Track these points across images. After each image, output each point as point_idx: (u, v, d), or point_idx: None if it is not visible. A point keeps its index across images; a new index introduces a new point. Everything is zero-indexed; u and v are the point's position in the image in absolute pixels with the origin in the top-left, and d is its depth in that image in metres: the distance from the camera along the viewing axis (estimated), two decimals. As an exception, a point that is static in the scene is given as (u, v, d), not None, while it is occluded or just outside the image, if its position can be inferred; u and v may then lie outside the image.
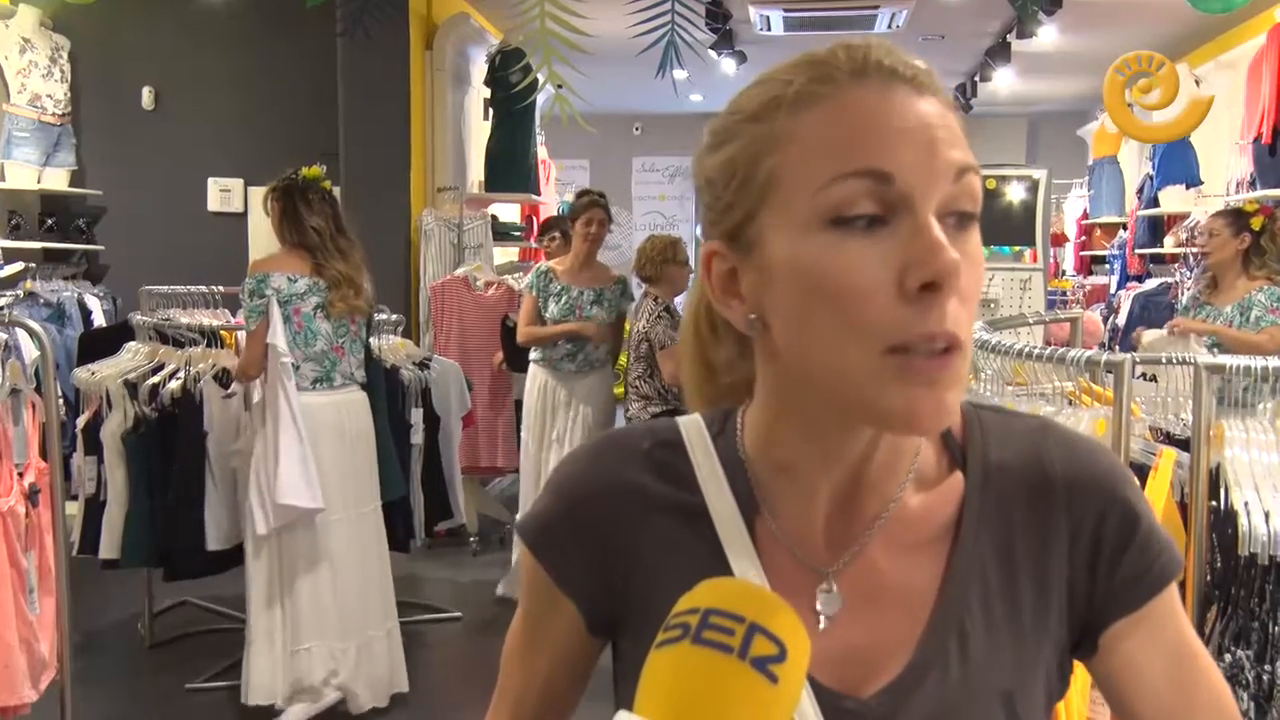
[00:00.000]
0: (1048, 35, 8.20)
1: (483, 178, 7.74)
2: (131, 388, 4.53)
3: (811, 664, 0.90)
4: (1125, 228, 9.97)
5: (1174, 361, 3.01)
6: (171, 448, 4.48)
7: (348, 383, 4.22)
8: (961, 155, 0.85)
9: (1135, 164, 10.11)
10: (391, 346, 5.21)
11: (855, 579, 0.94)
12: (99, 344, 5.26)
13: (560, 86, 4.48)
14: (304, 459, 3.99)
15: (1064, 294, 9.88)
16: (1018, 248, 6.95)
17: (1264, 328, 4.72)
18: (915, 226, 0.81)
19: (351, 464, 4.21)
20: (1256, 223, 4.86)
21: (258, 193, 4.33)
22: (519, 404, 6.44)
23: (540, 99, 6.95)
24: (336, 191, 7.17)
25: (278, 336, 4.02)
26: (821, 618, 0.94)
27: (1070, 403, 2.86)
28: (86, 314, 7.27)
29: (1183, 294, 7.28)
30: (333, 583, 4.16)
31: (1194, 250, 7.43)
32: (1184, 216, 8.23)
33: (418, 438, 5.01)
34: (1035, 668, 0.95)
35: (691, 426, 1.02)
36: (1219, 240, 4.95)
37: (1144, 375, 3.28)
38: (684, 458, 1.00)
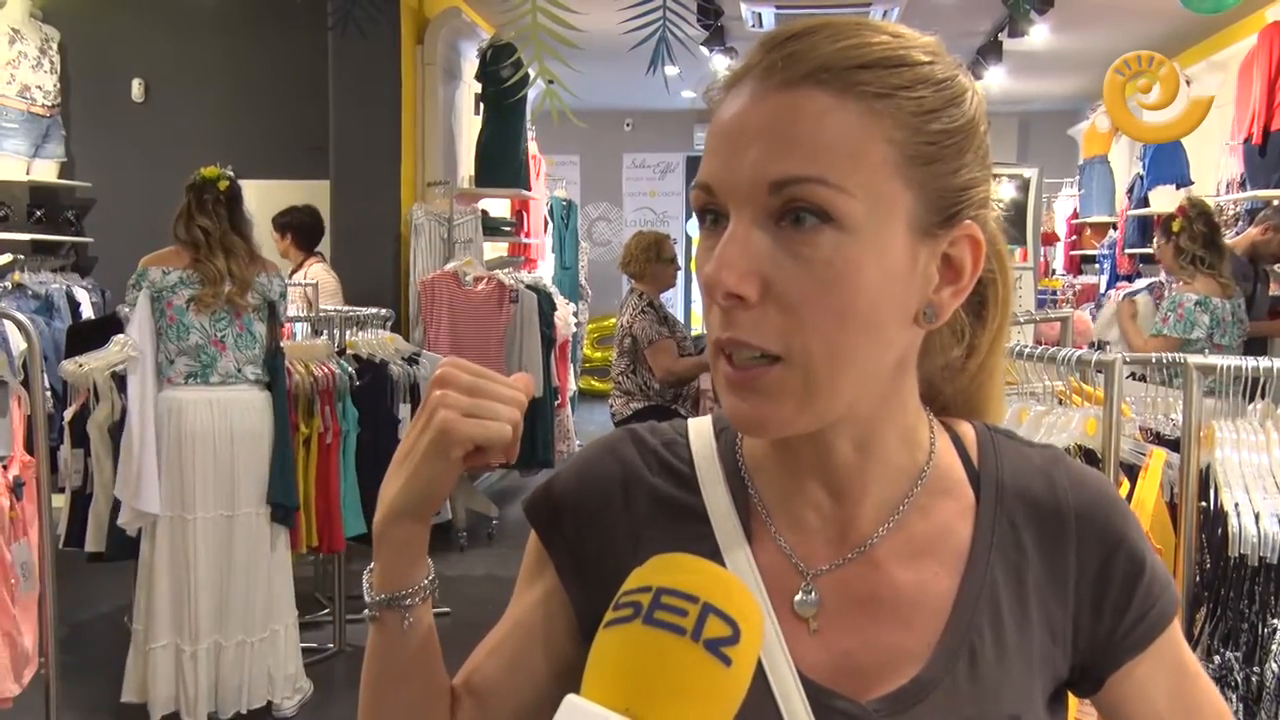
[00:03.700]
0: (1039, 34, 8.20)
1: (473, 172, 7.73)
2: (119, 380, 4.51)
3: (803, 664, 0.90)
4: (1115, 227, 9.98)
5: (1163, 363, 3.01)
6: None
7: (231, 380, 4.15)
8: (782, 167, 0.81)
9: (1126, 163, 10.12)
10: (380, 341, 5.19)
11: (851, 585, 0.93)
12: (87, 336, 5.23)
13: (551, 82, 4.47)
14: (137, 457, 3.99)
15: (1054, 293, 9.88)
16: (1008, 246, 6.95)
17: (1149, 336, 4.93)
18: (725, 233, 0.84)
19: (228, 464, 4.12)
20: (1175, 225, 5.02)
21: (248, 186, 4.32)
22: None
23: (531, 94, 6.93)
24: (326, 186, 7.22)
25: (133, 329, 4.08)
26: (810, 620, 0.92)
27: (1060, 402, 2.86)
28: (75, 306, 7.23)
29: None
30: (188, 583, 4.10)
31: None
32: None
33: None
34: (1041, 697, 0.94)
35: (699, 426, 1.02)
36: (1160, 250, 5.21)
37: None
38: (688, 458, 1.00)
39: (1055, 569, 0.94)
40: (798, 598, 0.92)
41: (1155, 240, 5.35)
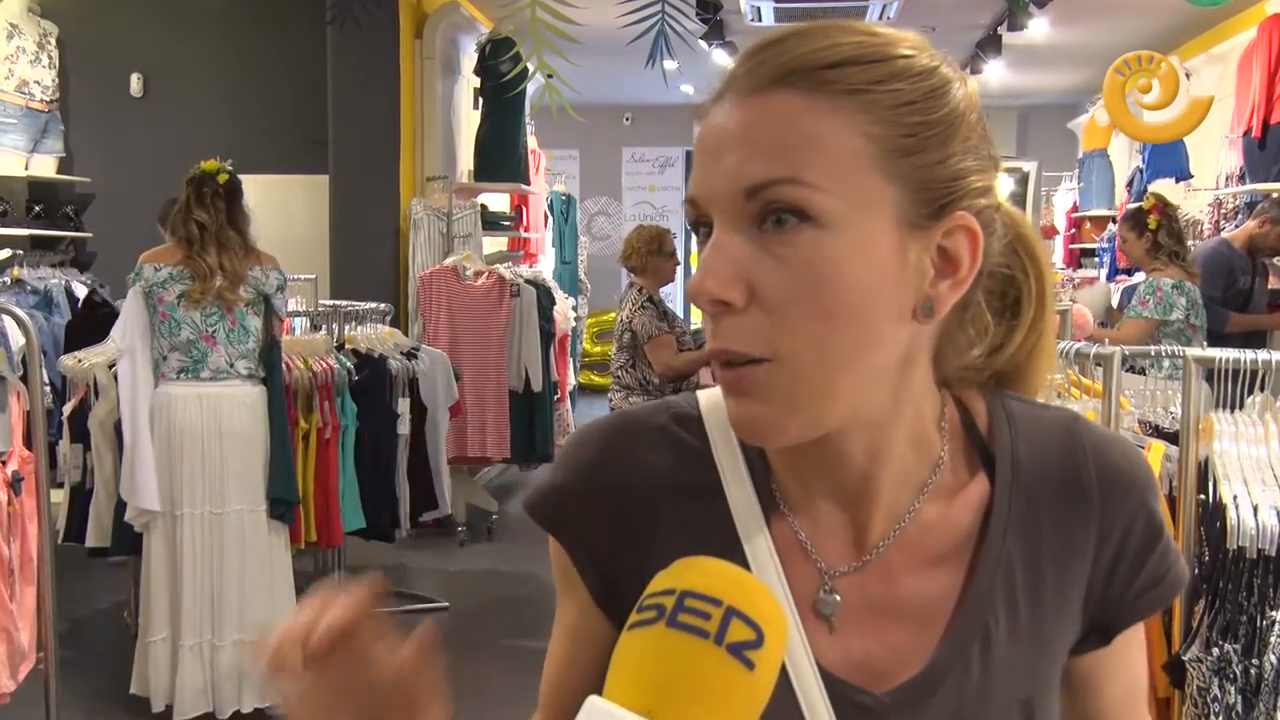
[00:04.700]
0: (1039, 28, 8.19)
1: (472, 167, 7.73)
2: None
3: (822, 662, 0.89)
4: (1115, 221, 9.97)
5: (1162, 356, 3.01)
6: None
7: (223, 376, 4.12)
8: (755, 171, 0.81)
9: (1125, 157, 10.11)
10: (379, 336, 5.19)
11: (867, 587, 0.92)
12: (86, 330, 5.24)
13: (550, 76, 4.47)
14: (130, 454, 4.00)
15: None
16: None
17: (1128, 317, 5.13)
18: (709, 242, 0.85)
19: (217, 460, 4.10)
20: (1152, 221, 5.27)
21: (247, 181, 4.30)
22: (512, 394, 6.45)
23: (530, 88, 6.93)
24: (324, 180, 7.23)
25: (118, 326, 4.08)
26: (830, 620, 0.92)
27: (1059, 395, 2.86)
28: (74, 302, 7.23)
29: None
30: (180, 579, 4.08)
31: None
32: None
33: (404, 428, 4.99)
34: (1053, 672, 0.94)
35: (712, 397, 0.99)
36: (1129, 244, 5.40)
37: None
38: (701, 433, 0.97)
39: (1074, 539, 0.94)
40: (821, 597, 0.92)
41: (1123, 234, 5.46)
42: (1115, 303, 8.00)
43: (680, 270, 6.36)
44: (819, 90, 0.82)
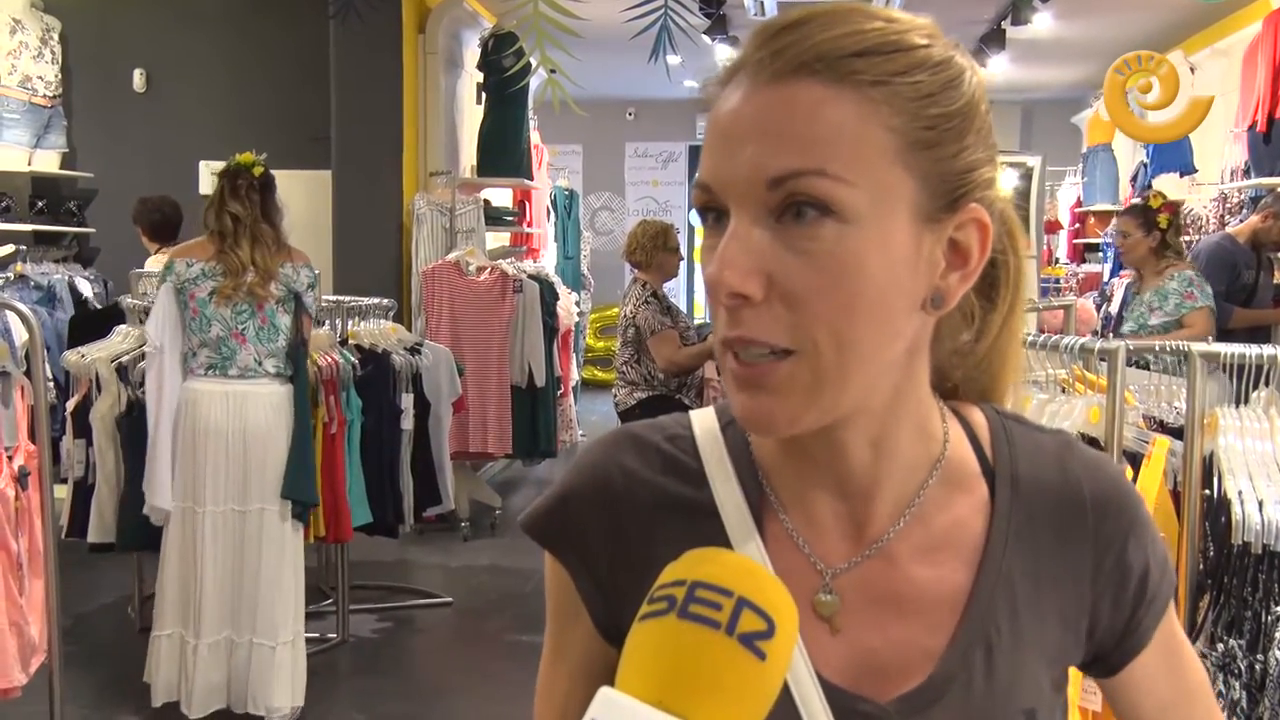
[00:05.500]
0: (1043, 22, 8.18)
1: (475, 162, 7.72)
2: (122, 371, 4.51)
3: (822, 665, 0.89)
4: (1119, 215, 9.96)
5: (1167, 351, 3.00)
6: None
7: (250, 374, 4.07)
8: (780, 162, 0.80)
9: (1129, 152, 10.09)
10: (382, 331, 5.18)
11: (870, 580, 0.92)
12: (89, 327, 5.24)
13: (553, 71, 4.47)
14: (151, 452, 4.01)
15: (1057, 281, 9.89)
16: (1021, 228, 6.95)
17: (1184, 314, 5.10)
18: (726, 232, 0.83)
19: (241, 458, 4.06)
20: (1163, 220, 5.27)
21: (249, 176, 4.29)
22: (514, 389, 6.45)
23: (533, 83, 6.92)
24: (328, 176, 7.22)
25: (151, 322, 4.06)
26: (833, 620, 0.91)
27: (1064, 390, 2.85)
28: (77, 297, 7.24)
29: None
30: (195, 575, 4.06)
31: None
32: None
33: (408, 423, 4.98)
34: (1054, 685, 0.95)
35: (703, 418, 0.99)
36: (1133, 240, 5.33)
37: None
38: (694, 452, 0.97)
39: (1072, 560, 0.94)
40: (820, 597, 0.91)
41: (1127, 229, 5.37)
42: (1119, 299, 8.00)
43: (684, 266, 6.36)
44: (844, 80, 0.81)
